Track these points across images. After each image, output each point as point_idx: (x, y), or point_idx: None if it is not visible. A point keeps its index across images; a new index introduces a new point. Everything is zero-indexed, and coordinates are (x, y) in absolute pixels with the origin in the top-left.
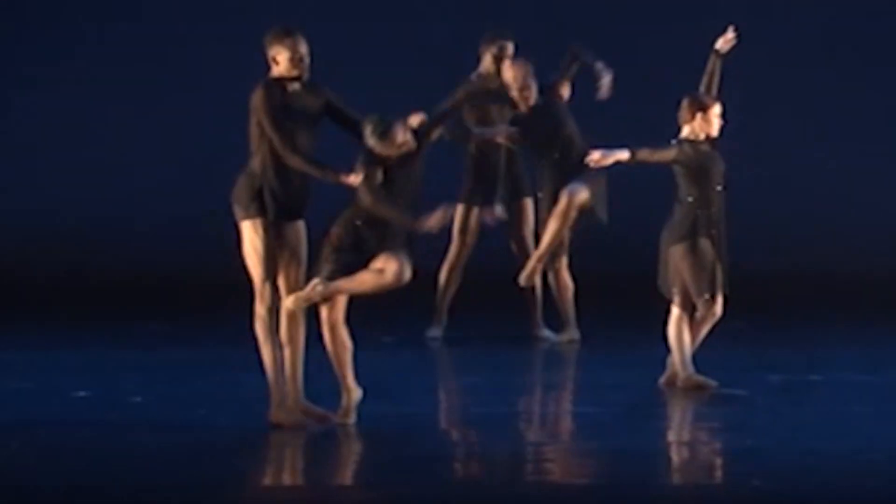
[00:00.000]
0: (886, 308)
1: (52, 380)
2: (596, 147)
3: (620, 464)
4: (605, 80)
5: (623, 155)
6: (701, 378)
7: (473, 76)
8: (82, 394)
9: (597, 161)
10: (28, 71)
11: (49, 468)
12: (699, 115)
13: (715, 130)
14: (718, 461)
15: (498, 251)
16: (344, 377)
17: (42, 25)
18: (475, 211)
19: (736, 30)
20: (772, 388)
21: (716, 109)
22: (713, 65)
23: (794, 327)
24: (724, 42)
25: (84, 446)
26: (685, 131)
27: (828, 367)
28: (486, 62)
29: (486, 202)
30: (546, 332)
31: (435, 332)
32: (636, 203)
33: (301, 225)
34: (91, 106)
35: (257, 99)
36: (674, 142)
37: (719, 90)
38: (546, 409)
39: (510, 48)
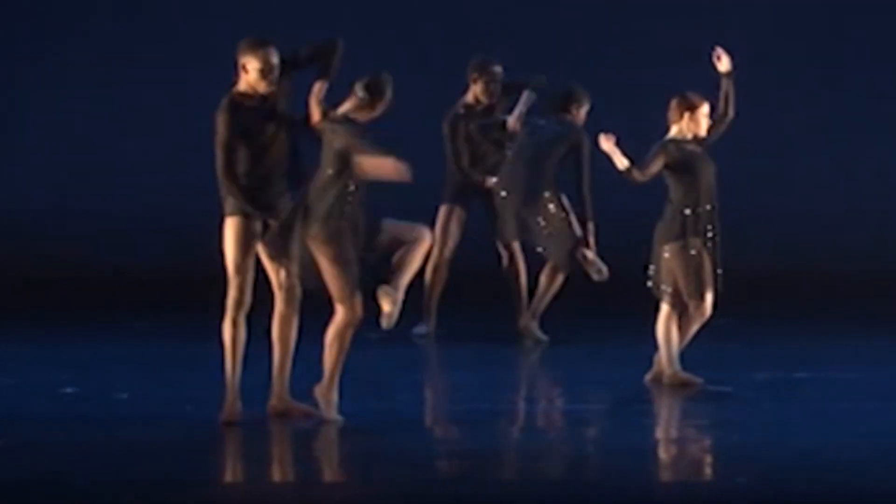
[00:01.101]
0: (873, 305)
1: (38, 376)
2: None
3: (607, 461)
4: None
5: (622, 163)
6: (686, 375)
7: (459, 106)
8: (69, 390)
9: (607, 149)
10: (22, 70)
11: (35, 465)
12: (687, 115)
13: (703, 130)
14: (704, 458)
15: (486, 249)
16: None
17: (36, 24)
18: (457, 211)
19: (723, 48)
20: (758, 385)
21: (704, 109)
22: (724, 87)
23: (781, 324)
24: (719, 61)
25: (70, 443)
26: (673, 130)
27: (814, 364)
28: (478, 90)
29: (469, 203)
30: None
31: (423, 329)
32: (625, 201)
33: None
34: (82, 105)
35: (218, 119)
36: (659, 142)
37: (735, 107)
38: (533, 406)
39: (499, 72)
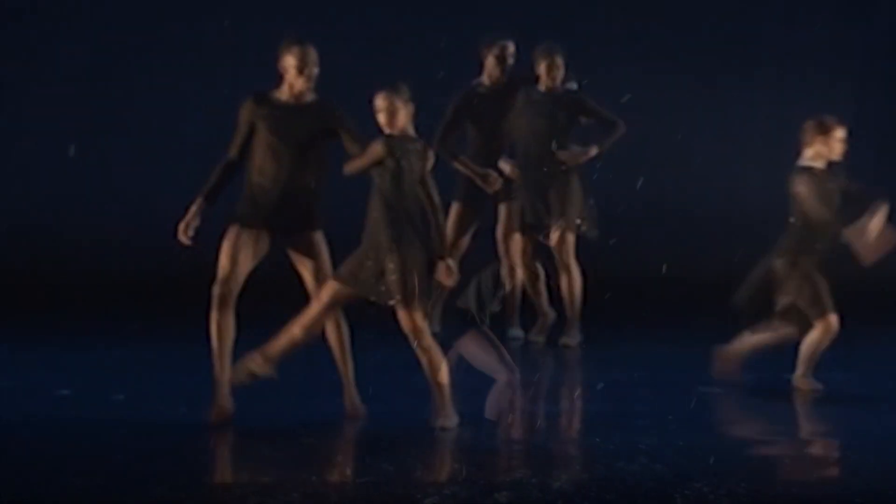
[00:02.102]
0: (862, 308)
1: (33, 378)
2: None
3: (605, 461)
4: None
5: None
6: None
7: (475, 83)
8: (64, 392)
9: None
10: (20, 74)
11: (31, 466)
12: (820, 139)
13: (836, 154)
14: (701, 459)
15: (488, 251)
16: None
17: (38, 26)
18: (469, 210)
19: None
20: (746, 387)
21: (838, 134)
22: None
23: None
24: None
25: (65, 444)
26: (807, 154)
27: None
28: (490, 66)
29: (481, 203)
30: (518, 332)
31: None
32: (638, 207)
33: (312, 236)
34: (80, 109)
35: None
36: (804, 177)
37: None
38: (533, 407)
39: (511, 48)
